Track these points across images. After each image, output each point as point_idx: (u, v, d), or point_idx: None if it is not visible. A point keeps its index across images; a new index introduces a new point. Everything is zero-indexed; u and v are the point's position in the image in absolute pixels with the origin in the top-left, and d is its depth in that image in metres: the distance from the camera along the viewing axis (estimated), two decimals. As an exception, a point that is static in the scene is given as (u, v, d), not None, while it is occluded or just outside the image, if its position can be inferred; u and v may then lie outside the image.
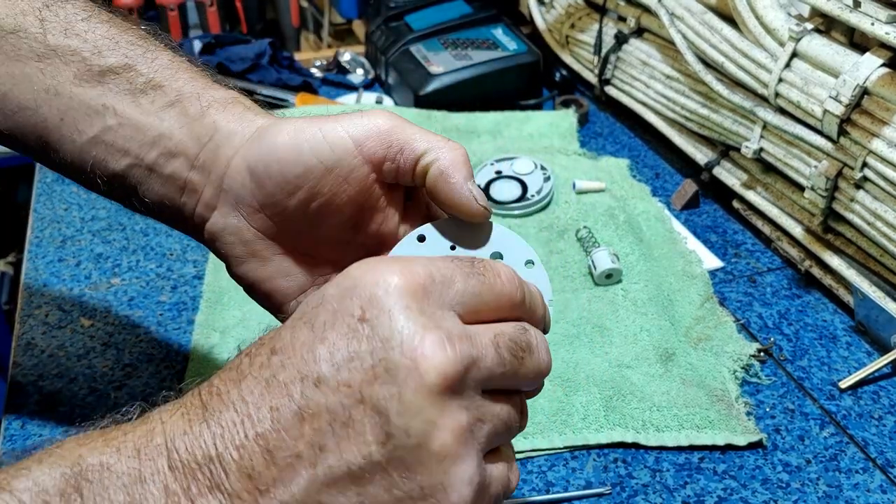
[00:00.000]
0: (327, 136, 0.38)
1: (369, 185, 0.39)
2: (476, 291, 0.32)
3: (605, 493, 0.54)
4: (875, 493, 0.54)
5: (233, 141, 0.40)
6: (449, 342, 0.30)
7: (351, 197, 0.39)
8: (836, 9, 0.63)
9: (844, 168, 0.66)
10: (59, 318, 0.68)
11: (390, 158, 0.38)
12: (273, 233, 0.40)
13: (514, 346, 0.33)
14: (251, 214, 0.40)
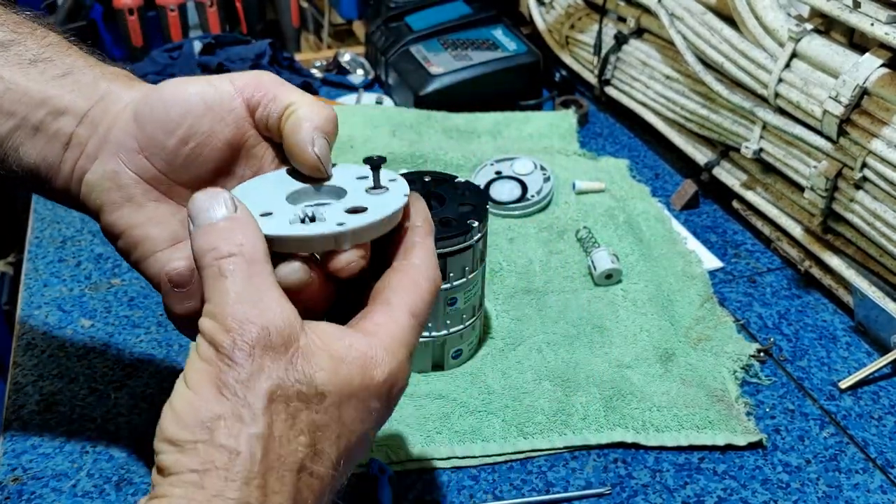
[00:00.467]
0: (212, 81, 0.41)
1: (245, 130, 0.42)
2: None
3: (604, 494, 0.54)
4: (875, 494, 0.55)
5: (123, 98, 0.42)
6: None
7: (227, 139, 0.41)
8: (836, 9, 0.64)
9: (844, 168, 0.66)
10: (60, 318, 0.68)
11: (264, 105, 0.41)
12: (150, 176, 0.42)
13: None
14: (131, 158, 0.41)
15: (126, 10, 1.40)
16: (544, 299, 0.69)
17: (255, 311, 0.33)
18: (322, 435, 0.34)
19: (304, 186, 0.40)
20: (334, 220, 0.37)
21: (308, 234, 0.36)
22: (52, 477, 0.54)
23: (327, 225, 0.37)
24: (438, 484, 0.55)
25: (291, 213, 0.37)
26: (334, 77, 1.08)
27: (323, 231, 0.36)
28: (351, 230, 0.36)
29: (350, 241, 0.37)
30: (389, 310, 0.38)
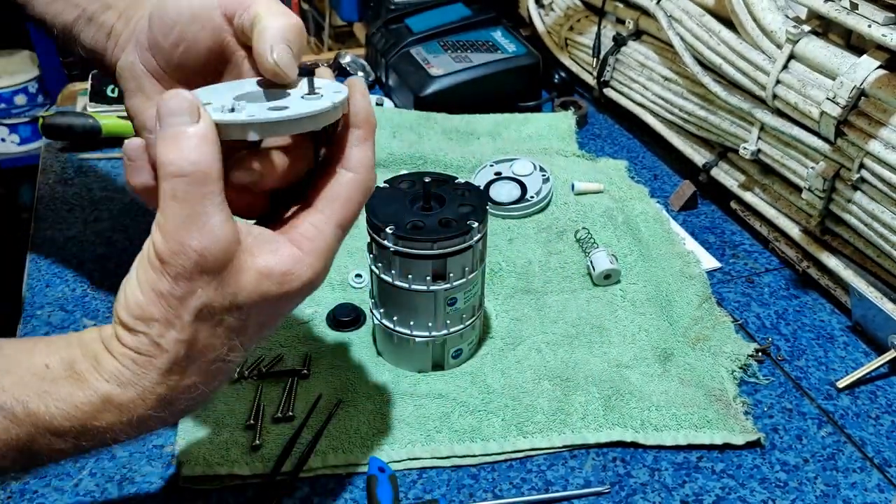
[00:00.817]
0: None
1: (223, 38, 0.46)
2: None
3: (603, 493, 0.55)
4: (872, 493, 0.55)
5: (150, 1, 0.49)
6: None
7: (208, 45, 0.46)
8: (834, 11, 0.64)
9: (841, 169, 0.67)
10: (62, 318, 0.68)
11: (238, 14, 0.45)
12: (154, 71, 0.48)
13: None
14: (143, 53, 0.48)
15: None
16: (543, 299, 0.70)
17: (195, 237, 0.37)
18: (239, 333, 0.40)
19: (255, 91, 0.43)
20: (251, 113, 0.39)
21: (220, 120, 0.38)
22: (55, 476, 0.55)
23: (239, 116, 0.39)
24: (439, 482, 0.55)
25: (221, 106, 0.40)
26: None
27: (232, 119, 0.39)
28: (258, 122, 0.39)
29: (257, 133, 0.39)
30: (319, 221, 0.42)
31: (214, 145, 0.38)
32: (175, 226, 0.38)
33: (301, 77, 0.43)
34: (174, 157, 0.37)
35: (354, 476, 0.55)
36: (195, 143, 0.37)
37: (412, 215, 0.57)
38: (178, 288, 0.38)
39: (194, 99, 0.38)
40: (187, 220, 0.37)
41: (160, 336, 0.38)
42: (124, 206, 0.83)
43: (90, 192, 0.85)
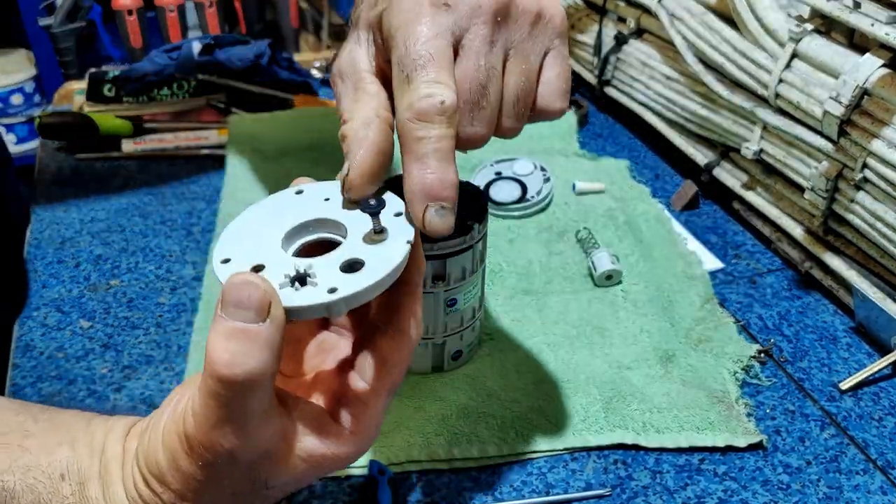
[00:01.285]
0: None
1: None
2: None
3: (605, 495, 0.54)
4: (875, 495, 0.54)
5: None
6: None
7: None
8: (836, 10, 0.63)
9: (844, 169, 0.66)
10: (58, 319, 0.68)
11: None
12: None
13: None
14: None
15: (125, 11, 1.40)
16: (544, 300, 0.69)
17: (232, 437, 0.33)
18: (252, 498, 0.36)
19: (304, 221, 0.38)
20: (326, 283, 0.34)
21: (298, 305, 0.33)
22: (51, 479, 0.54)
23: (318, 292, 0.34)
24: (438, 485, 0.55)
25: (283, 269, 0.35)
26: (334, 78, 1.08)
27: (313, 302, 0.33)
28: (343, 298, 0.33)
29: (343, 309, 0.34)
30: (369, 395, 0.37)
31: (278, 347, 0.32)
32: (210, 424, 0.33)
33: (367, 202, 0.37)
34: (227, 359, 0.32)
35: (354, 479, 0.55)
36: (256, 349, 0.32)
37: None
38: (201, 473, 0.34)
39: (268, 290, 0.32)
40: (224, 421, 0.33)
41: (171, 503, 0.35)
42: (121, 207, 0.82)
43: (86, 193, 0.84)
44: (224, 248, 0.37)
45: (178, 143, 0.91)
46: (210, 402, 0.32)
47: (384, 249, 0.35)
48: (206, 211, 0.82)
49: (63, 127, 0.89)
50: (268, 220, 0.38)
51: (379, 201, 0.36)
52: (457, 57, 0.38)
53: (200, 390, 0.33)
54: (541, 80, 0.41)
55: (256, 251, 0.36)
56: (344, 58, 0.41)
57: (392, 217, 0.37)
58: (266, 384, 0.33)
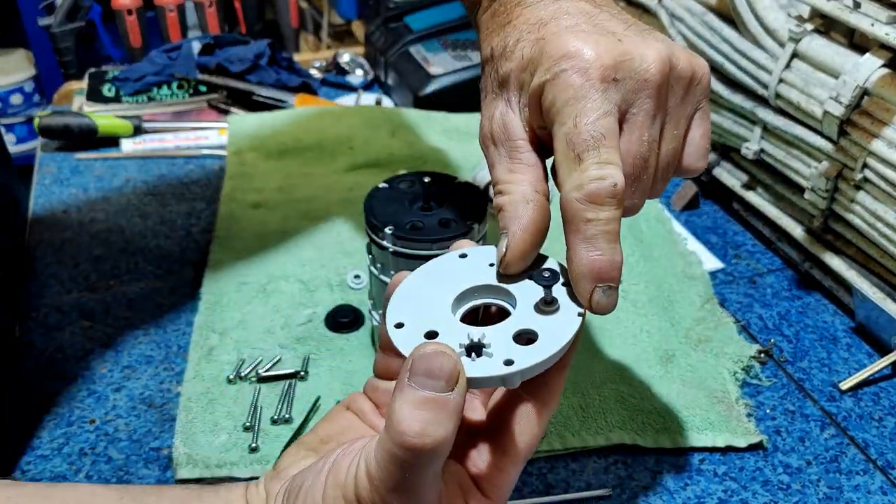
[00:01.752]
0: None
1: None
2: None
3: (605, 496, 0.54)
4: (876, 495, 0.54)
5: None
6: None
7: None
8: (836, 9, 0.63)
9: (844, 169, 0.66)
10: (58, 319, 0.68)
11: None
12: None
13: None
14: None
15: (125, 11, 1.40)
16: (544, 300, 0.69)
17: (405, 499, 0.33)
18: None
19: (472, 286, 0.38)
20: (502, 354, 0.34)
21: (475, 376, 0.34)
22: (50, 479, 0.54)
23: (494, 363, 0.34)
24: (438, 486, 0.55)
25: (457, 336, 0.35)
26: (333, 77, 1.08)
27: (490, 374, 0.34)
28: (520, 371, 0.33)
29: (518, 381, 0.34)
30: (508, 467, 0.37)
31: (460, 416, 0.33)
32: (387, 488, 0.33)
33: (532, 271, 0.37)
34: (418, 429, 0.32)
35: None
36: (445, 418, 0.32)
37: (411, 215, 0.57)
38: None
39: (458, 361, 0.33)
40: (402, 486, 0.33)
41: None
42: (121, 207, 0.82)
43: (86, 193, 0.84)
44: (395, 311, 0.37)
45: (178, 143, 0.91)
46: (391, 468, 0.32)
47: (556, 321, 0.35)
48: (206, 211, 0.82)
49: (63, 127, 0.89)
50: (435, 283, 0.38)
51: (553, 273, 0.36)
52: (627, 128, 0.38)
53: (378, 454, 0.33)
54: (687, 140, 0.41)
55: (428, 316, 0.36)
56: (496, 120, 0.41)
57: (560, 286, 0.37)
58: (447, 452, 0.33)
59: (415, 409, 0.32)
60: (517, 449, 0.37)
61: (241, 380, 0.61)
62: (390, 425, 0.32)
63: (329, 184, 0.83)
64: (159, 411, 0.59)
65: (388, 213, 0.56)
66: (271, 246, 0.74)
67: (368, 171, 0.86)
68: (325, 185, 0.83)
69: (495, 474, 0.37)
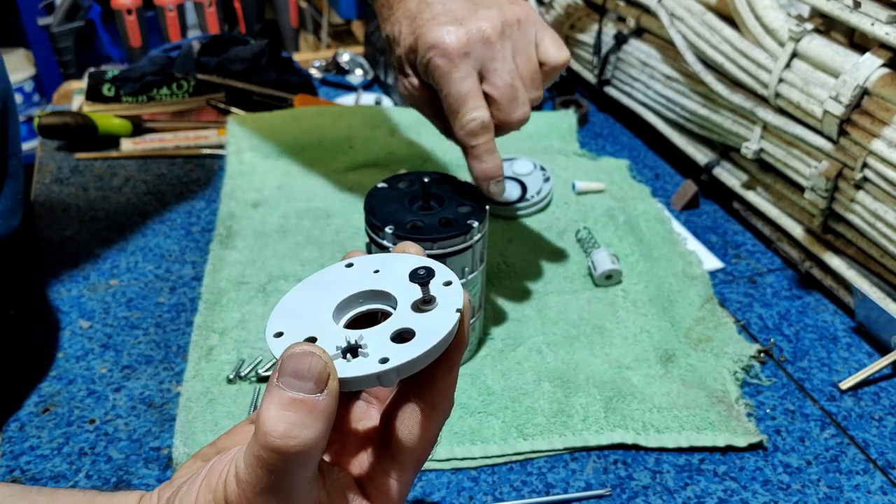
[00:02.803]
0: None
1: None
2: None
3: (605, 495, 0.54)
4: (876, 495, 0.54)
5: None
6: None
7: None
8: (836, 9, 0.63)
9: (844, 169, 0.66)
10: (58, 319, 0.68)
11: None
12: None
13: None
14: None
15: (124, 11, 1.40)
16: (544, 300, 0.69)
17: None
18: None
19: (354, 294, 0.38)
20: (378, 353, 0.34)
21: (350, 376, 0.33)
22: (50, 478, 0.54)
23: (370, 363, 0.34)
24: (438, 485, 0.54)
25: (335, 341, 0.35)
26: (333, 77, 1.08)
27: (365, 372, 0.33)
28: (394, 368, 0.33)
29: (394, 379, 0.34)
30: (399, 473, 0.37)
31: (331, 419, 0.32)
32: (254, 491, 0.33)
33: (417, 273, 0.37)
34: (283, 430, 0.31)
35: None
36: (312, 421, 0.31)
37: (412, 215, 0.57)
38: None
39: (327, 364, 0.32)
40: (270, 490, 0.32)
41: None
42: (120, 206, 0.82)
43: (86, 192, 0.84)
44: (276, 322, 0.36)
45: (178, 142, 0.91)
46: (258, 471, 0.32)
47: (434, 318, 0.35)
48: (206, 210, 0.82)
49: (62, 126, 0.89)
50: (319, 293, 0.38)
51: (428, 271, 0.36)
52: (489, 74, 0.57)
53: (247, 457, 0.33)
54: (540, 49, 0.59)
55: (309, 324, 0.36)
56: (409, 87, 0.61)
57: (441, 286, 0.37)
58: (317, 455, 0.32)
59: (281, 410, 0.31)
60: (403, 452, 0.36)
61: (241, 379, 0.61)
62: (257, 427, 0.32)
63: (329, 183, 0.83)
64: (159, 411, 0.59)
65: (388, 212, 0.56)
66: (271, 245, 0.74)
67: (368, 170, 0.86)
68: (324, 184, 0.83)
69: (381, 478, 0.36)
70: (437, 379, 0.36)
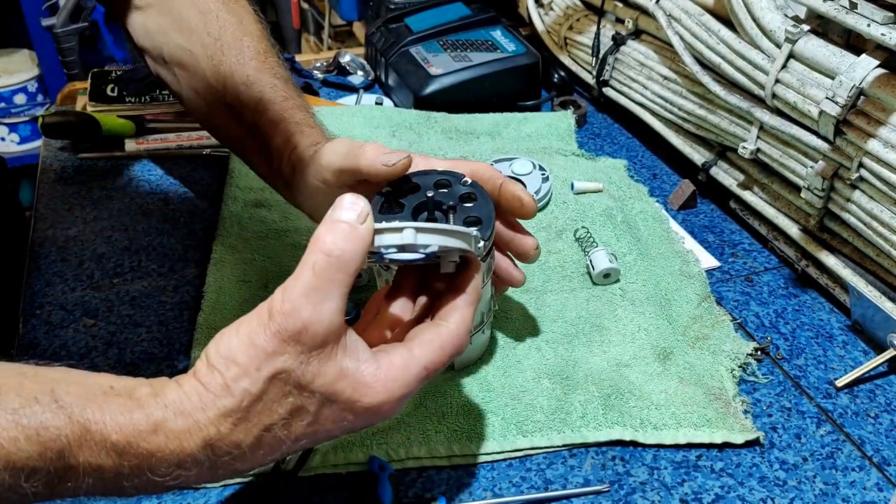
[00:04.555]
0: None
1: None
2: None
3: (603, 491, 0.55)
4: (871, 491, 0.55)
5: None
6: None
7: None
8: (833, 10, 0.64)
9: (840, 168, 0.67)
10: (62, 317, 0.68)
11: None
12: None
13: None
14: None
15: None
16: (543, 298, 0.70)
17: (308, 308, 0.40)
18: (297, 416, 0.42)
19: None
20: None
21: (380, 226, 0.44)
22: (55, 474, 0.55)
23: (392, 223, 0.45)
24: (438, 481, 0.55)
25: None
26: (334, 78, 1.08)
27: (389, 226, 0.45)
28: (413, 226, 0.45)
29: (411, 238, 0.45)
30: (409, 357, 0.45)
31: (365, 246, 0.42)
32: (299, 292, 0.41)
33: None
34: (330, 239, 0.41)
35: (354, 475, 0.55)
36: (351, 236, 0.42)
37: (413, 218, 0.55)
38: (270, 343, 0.40)
39: (367, 207, 0.43)
40: (311, 291, 0.41)
41: (234, 380, 0.40)
42: (124, 206, 0.83)
43: (90, 192, 0.85)
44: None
45: (181, 142, 0.92)
46: (306, 273, 0.41)
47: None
48: (209, 210, 0.82)
49: (66, 126, 0.90)
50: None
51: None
52: None
53: (299, 268, 0.41)
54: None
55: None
56: None
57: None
58: (350, 272, 0.41)
59: (331, 227, 0.42)
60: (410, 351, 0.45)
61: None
62: (312, 240, 0.41)
63: (330, 183, 0.84)
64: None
65: (390, 218, 0.55)
66: (273, 244, 0.75)
67: (369, 170, 0.86)
68: (326, 184, 0.84)
69: (389, 362, 0.44)
70: (459, 307, 0.48)
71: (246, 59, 0.64)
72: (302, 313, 0.40)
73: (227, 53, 0.64)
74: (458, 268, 0.50)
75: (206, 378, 0.41)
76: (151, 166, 0.89)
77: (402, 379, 0.44)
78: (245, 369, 0.40)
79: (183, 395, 0.41)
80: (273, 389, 0.41)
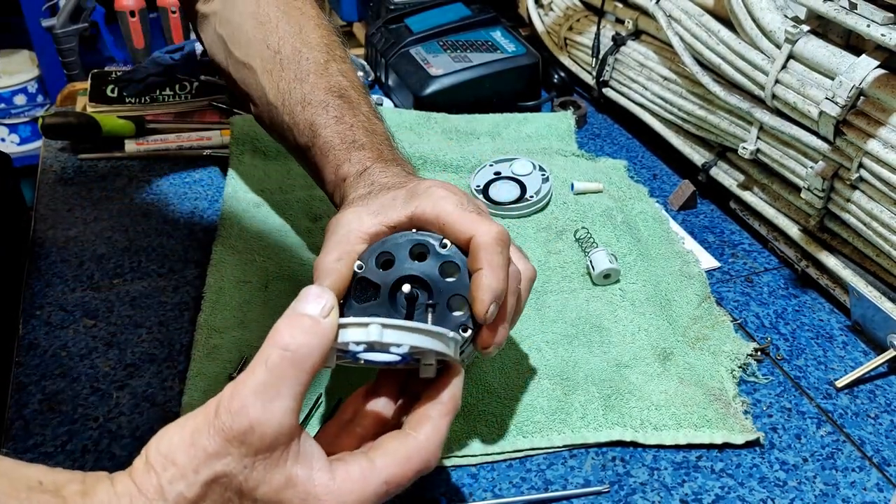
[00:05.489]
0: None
1: None
2: None
3: (603, 492, 0.55)
4: (871, 492, 0.55)
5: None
6: None
7: None
8: (832, 11, 0.64)
9: (840, 169, 0.67)
10: (62, 318, 0.68)
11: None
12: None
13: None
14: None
15: (128, 13, 1.41)
16: (543, 299, 0.70)
17: (258, 406, 0.38)
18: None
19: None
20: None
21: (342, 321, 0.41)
22: (55, 475, 0.55)
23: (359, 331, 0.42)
24: (437, 482, 0.55)
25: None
26: (334, 78, 1.08)
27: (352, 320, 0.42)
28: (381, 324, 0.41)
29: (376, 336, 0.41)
30: (369, 468, 0.41)
31: (326, 342, 0.40)
32: (250, 389, 0.38)
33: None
34: (288, 333, 0.39)
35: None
36: (312, 330, 0.39)
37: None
38: (213, 443, 0.38)
39: (333, 301, 0.41)
40: (262, 388, 0.38)
41: (169, 482, 0.37)
42: (124, 207, 0.83)
43: (90, 192, 0.85)
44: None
45: (181, 143, 0.92)
46: (259, 369, 0.38)
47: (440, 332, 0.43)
48: (209, 211, 0.82)
49: (66, 127, 0.90)
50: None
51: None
52: None
53: (253, 362, 0.39)
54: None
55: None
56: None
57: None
58: (306, 369, 0.39)
59: (291, 319, 0.40)
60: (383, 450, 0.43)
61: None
62: (269, 335, 0.39)
63: (330, 184, 0.84)
64: (162, 409, 0.60)
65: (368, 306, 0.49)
66: (272, 245, 0.75)
67: (369, 171, 0.86)
68: (326, 185, 0.84)
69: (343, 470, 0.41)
70: (433, 417, 0.44)
71: (304, 75, 0.61)
72: (250, 412, 0.37)
73: (287, 69, 0.61)
74: (439, 372, 0.45)
75: (141, 479, 0.37)
76: (151, 167, 0.89)
77: (358, 492, 0.40)
78: (182, 471, 0.37)
79: (114, 496, 0.37)
80: (211, 496, 0.38)
